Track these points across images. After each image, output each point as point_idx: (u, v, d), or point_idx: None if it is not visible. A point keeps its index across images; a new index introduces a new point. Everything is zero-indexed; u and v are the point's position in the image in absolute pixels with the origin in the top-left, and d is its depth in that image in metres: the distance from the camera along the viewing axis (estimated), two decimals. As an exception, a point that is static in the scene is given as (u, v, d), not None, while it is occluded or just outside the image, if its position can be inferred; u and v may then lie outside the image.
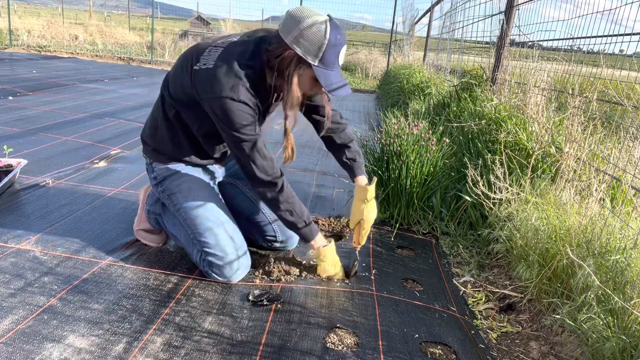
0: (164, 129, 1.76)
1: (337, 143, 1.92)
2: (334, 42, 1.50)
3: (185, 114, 1.70)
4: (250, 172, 1.63)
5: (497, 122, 2.70)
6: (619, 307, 1.33)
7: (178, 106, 1.69)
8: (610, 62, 2.15)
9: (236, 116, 1.53)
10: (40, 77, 6.70)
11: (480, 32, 4.11)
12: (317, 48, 1.50)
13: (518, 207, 1.93)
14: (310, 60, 1.52)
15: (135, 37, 15.90)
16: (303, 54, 1.51)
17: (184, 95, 1.65)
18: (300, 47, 1.50)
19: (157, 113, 1.78)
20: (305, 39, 1.49)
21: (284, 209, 1.67)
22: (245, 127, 1.56)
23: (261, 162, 1.61)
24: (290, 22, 1.51)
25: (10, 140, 3.24)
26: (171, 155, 1.79)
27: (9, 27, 11.87)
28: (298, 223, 1.69)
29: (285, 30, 1.52)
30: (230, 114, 1.53)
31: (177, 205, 1.75)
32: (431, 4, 8.18)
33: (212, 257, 1.67)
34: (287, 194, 1.67)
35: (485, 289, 1.91)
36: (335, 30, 1.51)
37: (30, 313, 1.42)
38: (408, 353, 1.41)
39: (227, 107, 1.52)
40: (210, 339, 1.40)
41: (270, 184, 1.64)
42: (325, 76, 1.53)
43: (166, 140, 1.76)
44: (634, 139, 1.89)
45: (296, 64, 1.54)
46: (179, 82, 1.66)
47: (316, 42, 1.49)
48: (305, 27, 1.48)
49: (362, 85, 10.71)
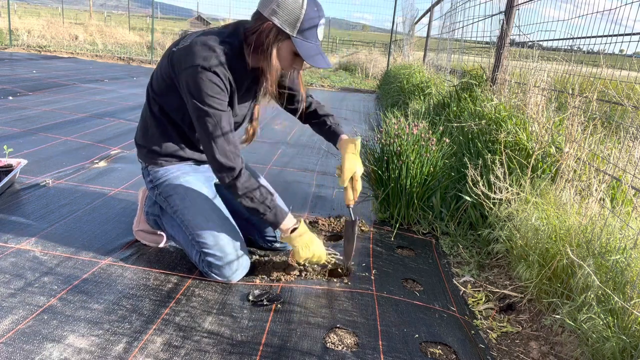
0: (153, 127, 1.77)
1: (319, 114, 1.96)
2: (311, 14, 1.52)
3: (168, 105, 1.70)
4: (210, 152, 1.58)
5: (497, 122, 2.70)
6: (619, 307, 1.33)
7: (160, 98, 1.70)
8: (610, 62, 2.15)
9: (205, 85, 1.51)
10: (40, 77, 6.70)
11: (480, 32, 4.11)
12: (294, 19, 1.51)
13: (518, 207, 1.93)
14: (288, 31, 1.52)
15: (135, 37, 15.91)
16: (281, 25, 1.51)
17: (164, 82, 1.66)
18: (278, 17, 1.51)
19: (145, 113, 1.80)
20: (283, 9, 1.50)
21: (242, 194, 1.61)
22: (211, 98, 1.53)
23: (222, 144, 1.57)
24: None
25: (10, 140, 3.24)
26: (165, 151, 1.78)
27: (9, 27, 11.88)
28: (259, 208, 1.63)
29: (263, 4, 1.53)
30: (200, 82, 1.51)
31: (175, 207, 1.75)
32: (431, 4, 8.18)
33: (211, 257, 1.67)
34: (246, 180, 1.61)
35: (485, 289, 1.91)
36: (313, 2, 1.53)
37: (30, 313, 1.42)
38: (408, 353, 1.41)
39: (197, 76, 1.51)
40: (210, 339, 1.40)
41: (229, 169, 1.59)
42: (304, 47, 1.53)
43: (157, 137, 1.77)
44: (634, 139, 1.89)
45: (275, 35, 1.53)
46: (160, 72, 1.68)
47: (294, 12, 1.50)
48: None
49: (362, 85, 10.70)
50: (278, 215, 1.67)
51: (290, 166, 3.40)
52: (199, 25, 20.75)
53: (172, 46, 1.66)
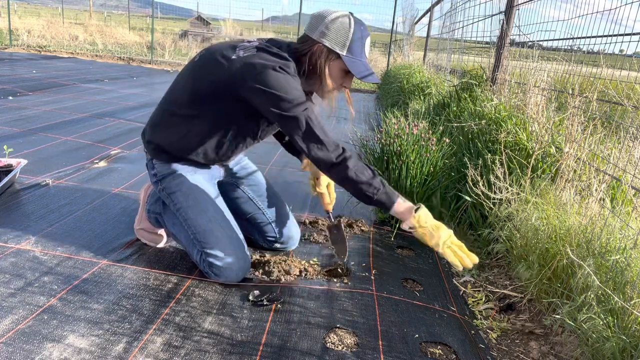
0: (172, 129, 1.70)
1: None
2: (359, 33, 1.61)
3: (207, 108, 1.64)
4: (314, 153, 1.53)
5: (497, 122, 2.70)
6: (619, 307, 1.33)
7: (199, 101, 1.64)
8: (610, 62, 2.15)
9: (289, 85, 1.51)
10: (40, 77, 6.70)
11: (480, 32, 4.11)
12: (344, 39, 1.59)
13: (518, 207, 1.93)
14: (338, 50, 1.60)
15: (135, 37, 15.91)
16: (331, 46, 1.59)
17: (211, 87, 1.60)
18: (327, 39, 1.59)
19: (168, 113, 1.72)
20: (332, 31, 1.59)
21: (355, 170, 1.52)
22: (298, 97, 1.52)
23: (324, 137, 1.53)
24: (315, 20, 1.62)
25: (10, 140, 3.24)
26: (176, 153, 1.74)
27: (9, 27, 11.87)
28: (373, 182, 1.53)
29: (311, 28, 1.62)
30: (283, 83, 1.51)
31: (178, 204, 1.74)
32: (431, 4, 8.18)
33: (212, 257, 1.67)
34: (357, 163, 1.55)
35: (485, 289, 1.91)
36: (359, 22, 1.62)
37: (30, 313, 1.42)
38: (408, 353, 1.41)
39: (278, 77, 1.50)
40: (210, 339, 1.40)
41: (336, 147, 1.54)
42: (354, 65, 1.61)
43: (175, 138, 1.71)
44: (634, 139, 1.89)
45: (326, 55, 1.61)
46: (206, 74, 1.62)
47: (342, 33, 1.59)
48: (330, 21, 1.59)
49: (362, 85, 10.70)
50: (390, 195, 1.55)
51: (290, 166, 3.40)
52: (199, 25, 20.74)
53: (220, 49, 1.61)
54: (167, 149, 1.74)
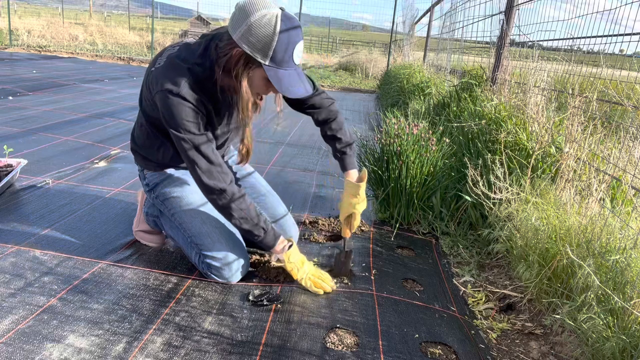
0: (145, 138, 1.74)
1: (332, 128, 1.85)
2: (285, 39, 1.38)
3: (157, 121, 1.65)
4: (196, 176, 1.52)
5: (497, 122, 2.70)
6: (619, 307, 1.33)
7: (150, 112, 1.65)
8: (610, 62, 2.15)
9: (176, 111, 1.46)
10: (40, 77, 6.70)
11: (480, 32, 4.10)
12: (266, 45, 1.37)
13: (518, 207, 1.93)
14: (259, 59, 1.40)
15: (135, 37, 15.90)
16: (251, 52, 1.39)
17: (147, 103, 1.63)
18: (248, 44, 1.38)
19: (139, 124, 1.76)
20: (253, 35, 1.37)
21: (238, 217, 1.55)
22: (185, 123, 1.47)
23: (207, 166, 1.50)
24: (238, 17, 1.39)
25: (10, 140, 3.24)
26: (159, 161, 1.78)
27: (9, 27, 11.88)
28: (254, 230, 1.58)
29: (233, 26, 1.40)
30: (171, 108, 1.46)
31: (172, 210, 1.74)
32: (431, 4, 8.18)
33: (211, 259, 1.67)
34: (240, 202, 1.55)
35: (485, 289, 1.91)
36: (288, 24, 1.39)
37: (30, 313, 1.42)
38: (408, 353, 1.41)
39: (167, 102, 1.47)
40: (210, 339, 1.40)
41: (219, 191, 1.51)
42: (277, 77, 1.41)
43: (153, 148, 1.74)
44: (634, 139, 1.89)
45: (245, 63, 1.43)
46: (143, 90, 1.66)
47: (265, 38, 1.36)
48: (253, 22, 1.36)
49: (362, 85, 10.71)
50: (275, 237, 1.63)
51: (290, 166, 3.40)
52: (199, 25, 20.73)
53: (150, 66, 1.60)
54: (150, 158, 1.78)
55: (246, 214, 1.56)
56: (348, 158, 1.84)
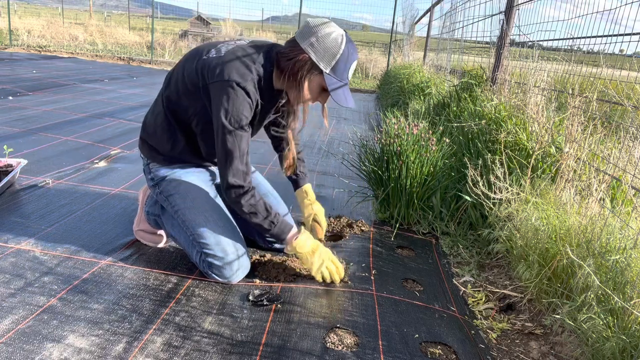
0: (162, 128, 1.75)
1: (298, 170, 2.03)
2: (347, 54, 1.56)
3: (183, 110, 1.69)
4: (224, 168, 1.59)
5: (497, 122, 2.70)
6: (619, 307, 1.33)
7: (177, 102, 1.69)
8: (610, 62, 2.15)
9: (235, 102, 1.53)
10: (40, 77, 6.70)
11: (480, 32, 4.10)
12: (331, 56, 1.55)
13: (518, 207, 1.93)
14: (322, 66, 1.56)
15: (135, 37, 15.90)
16: (317, 60, 1.56)
17: (185, 87, 1.64)
18: (315, 52, 1.55)
19: (157, 113, 1.77)
20: (322, 45, 1.55)
21: (247, 212, 1.63)
22: (239, 117, 1.55)
23: (237, 164, 1.58)
24: (308, 29, 1.57)
25: (10, 140, 3.24)
26: (169, 154, 1.78)
27: (9, 27, 11.88)
28: (264, 224, 1.65)
29: (303, 35, 1.57)
30: (231, 98, 1.53)
31: (175, 206, 1.74)
32: (431, 4, 8.18)
33: (212, 257, 1.67)
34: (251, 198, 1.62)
35: (485, 289, 1.91)
36: (350, 43, 1.58)
37: (30, 313, 1.42)
38: (408, 353, 1.41)
39: (229, 91, 1.53)
40: (210, 339, 1.40)
41: (238, 187, 1.60)
42: (334, 85, 1.58)
43: (164, 139, 1.76)
44: (634, 139, 1.89)
45: (309, 68, 1.58)
46: (183, 73, 1.66)
47: (331, 50, 1.55)
48: (323, 35, 1.55)
49: (362, 85, 10.71)
50: (284, 229, 1.69)
51: (290, 166, 3.39)
52: (199, 25, 20.72)
53: (201, 49, 1.65)
54: (160, 150, 1.78)
55: (255, 208, 1.63)
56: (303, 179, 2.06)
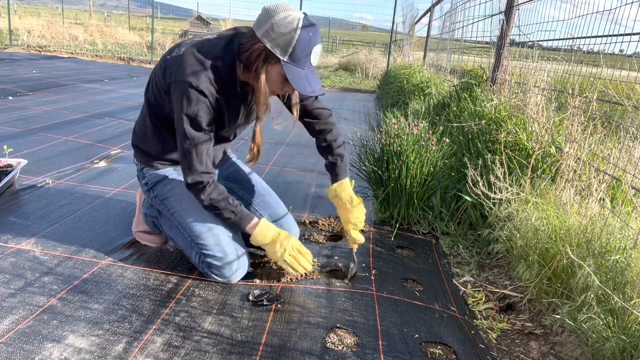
0: (150, 131, 1.74)
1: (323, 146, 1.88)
2: (305, 38, 1.46)
3: (163, 112, 1.68)
4: (183, 164, 1.59)
5: (497, 122, 2.70)
6: (619, 307, 1.33)
7: (155, 105, 1.68)
8: (610, 62, 2.15)
9: (190, 103, 1.51)
10: (40, 77, 6.70)
11: (480, 32, 4.10)
12: (286, 42, 1.45)
13: (518, 207, 1.93)
14: (279, 54, 1.47)
15: (135, 37, 15.90)
16: (272, 48, 1.46)
17: (158, 90, 1.64)
18: (270, 40, 1.46)
19: (143, 116, 1.77)
20: (275, 32, 1.45)
21: (207, 205, 1.62)
22: (194, 116, 1.52)
23: (194, 163, 1.56)
24: (263, 16, 1.48)
25: (10, 140, 3.24)
26: (161, 156, 1.78)
27: (9, 27, 11.89)
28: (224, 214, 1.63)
29: (259, 24, 1.49)
30: (187, 100, 1.51)
31: (171, 209, 1.74)
32: (431, 4, 8.18)
33: (211, 258, 1.67)
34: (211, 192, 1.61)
35: (485, 289, 1.91)
36: (309, 27, 1.47)
37: (30, 313, 1.42)
38: (408, 353, 1.41)
39: (184, 93, 1.51)
40: (210, 339, 1.40)
41: (196, 184, 1.59)
42: (293, 73, 1.48)
43: (154, 141, 1.75)
44: (634, 139, 1.89)
45: (264, 58, 1.50)
46: (155, 79, 1.66)
47: (286, 36, 1.45)
48: (276, 21, 1.45)
49: (362, 85, 10.70)
50: (243, 219, 1.65)
51: (290, 166, 3.40)
52: (199, 25, 20.73)
53: (166, 54, 1.64)
54: (152, 153, 1.78)
55: (216, 202, 1.61)
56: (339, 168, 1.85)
